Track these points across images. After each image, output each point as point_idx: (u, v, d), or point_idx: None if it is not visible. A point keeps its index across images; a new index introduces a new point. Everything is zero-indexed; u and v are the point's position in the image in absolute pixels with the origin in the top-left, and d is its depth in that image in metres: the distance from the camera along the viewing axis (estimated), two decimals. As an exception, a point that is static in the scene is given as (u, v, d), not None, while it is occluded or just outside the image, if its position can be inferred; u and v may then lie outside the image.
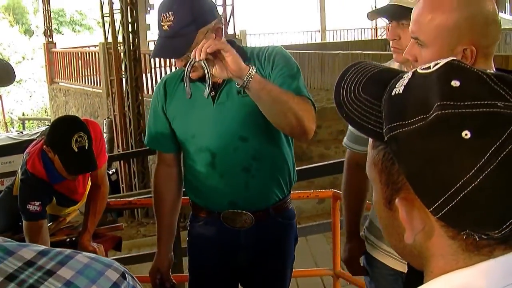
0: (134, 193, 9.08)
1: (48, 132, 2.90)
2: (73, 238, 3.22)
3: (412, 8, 1.57)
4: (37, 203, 2.89)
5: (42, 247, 0.75)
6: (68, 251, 0.75)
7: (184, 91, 2.06)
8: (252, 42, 21.25)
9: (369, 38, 22.12)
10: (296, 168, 2.42)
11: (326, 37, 22.87)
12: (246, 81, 1.89)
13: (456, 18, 1.43)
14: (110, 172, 10.78)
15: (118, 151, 11.00)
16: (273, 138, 2.25)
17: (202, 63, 1.89)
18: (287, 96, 2.00)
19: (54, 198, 3.06)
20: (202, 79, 2.06)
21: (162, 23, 2.02)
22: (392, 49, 1.96)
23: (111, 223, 4.66)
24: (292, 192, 2.42)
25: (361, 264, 2.35)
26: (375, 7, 21.46)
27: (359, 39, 22.06)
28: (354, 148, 2.21)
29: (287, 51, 2.24)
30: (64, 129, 2.80)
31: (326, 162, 5.86)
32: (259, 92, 1.93)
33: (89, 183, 3.24)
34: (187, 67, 1.94)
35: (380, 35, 22.04)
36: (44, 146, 2.88)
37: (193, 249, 2.51)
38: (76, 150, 2.72)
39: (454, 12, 1.43)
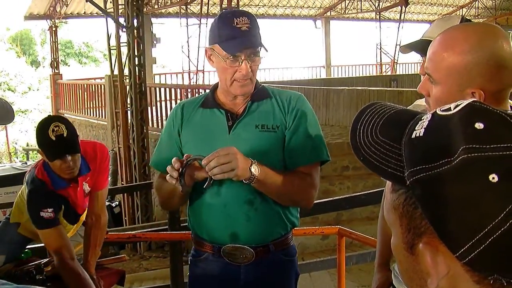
0: (137, 227, 9.04)
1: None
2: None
3: None
4: (49, 210, 2.93)
5: None
6: None
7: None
8: (257, 76, 21.37)
9: (374, 74, 22.27)
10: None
11: (331, 72, 23.05)
12: (251, 181, 2.11)
13: (467, 61, 1.42)
14: (113, 205, 10.74)
15: (122, 184, 10.97)
16: None
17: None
18: (286, 188, 2.20)
19: (62, 206, 3.07)
20: (219, 106, 2.31)
21: (238, 25, 2.16)
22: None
23: (113, 256, 4.62)
24: (296, 228, 2.40)
25: None
26: (380, 44, 21.80)
27: (364, 75, 22.23)
28: None
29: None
30: (41, 124, 2.89)
31: (330, 198, 5.85)
32: (259, 187, 2.17)
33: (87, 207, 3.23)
34: (183, 166, 2.06)
35: (385, 71, 22.20)
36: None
37: (194, 285, 2.47)
38: (54, 138, 2.79)
39: (466, 55, 1.42)
